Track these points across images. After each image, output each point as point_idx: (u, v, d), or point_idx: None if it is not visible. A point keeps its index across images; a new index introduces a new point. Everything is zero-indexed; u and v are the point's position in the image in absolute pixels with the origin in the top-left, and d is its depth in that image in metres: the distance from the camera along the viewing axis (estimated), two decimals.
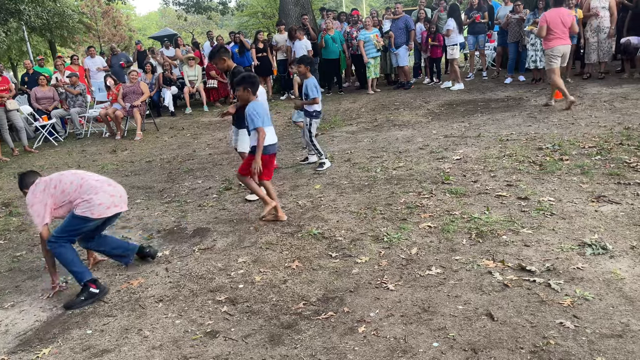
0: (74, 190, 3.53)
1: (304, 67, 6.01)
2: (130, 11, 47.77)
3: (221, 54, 5.11)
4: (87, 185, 3.56)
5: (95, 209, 3.50)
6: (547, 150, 5.66)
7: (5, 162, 8.70)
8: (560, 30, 7.54)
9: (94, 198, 3.50)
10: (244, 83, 4.40)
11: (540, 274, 3.16)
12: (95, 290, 3.50)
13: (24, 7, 21.34)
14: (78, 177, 3.63)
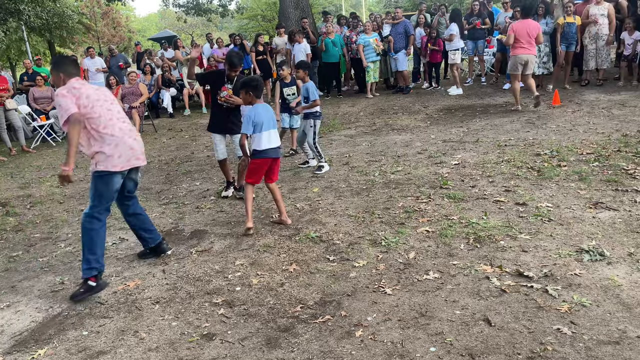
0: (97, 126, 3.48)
1: (303, 72, 6.02)
2: (130, 12, 47.80)
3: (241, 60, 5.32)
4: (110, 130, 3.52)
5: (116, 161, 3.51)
6: (545, 156, 5.67)
7: (2, 161, 8.67)
8: (526, 41, 8.04)
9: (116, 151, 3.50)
10: (246, 87, 4.40)
11: (537, 279, 3.16)
12: (93, 283, 3.51)
13: (24, 7, 21.32)
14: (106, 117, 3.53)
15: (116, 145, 3.52)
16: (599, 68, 9.66)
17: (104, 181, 3.53)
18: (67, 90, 3.43)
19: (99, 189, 3.55)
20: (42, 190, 6.58)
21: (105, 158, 3.50)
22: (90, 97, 3.48)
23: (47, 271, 4.08)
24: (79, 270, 4.00)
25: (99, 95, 3.57)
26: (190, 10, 22.09)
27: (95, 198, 3.54)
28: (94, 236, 3.52)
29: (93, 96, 3.51)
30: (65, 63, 3.59)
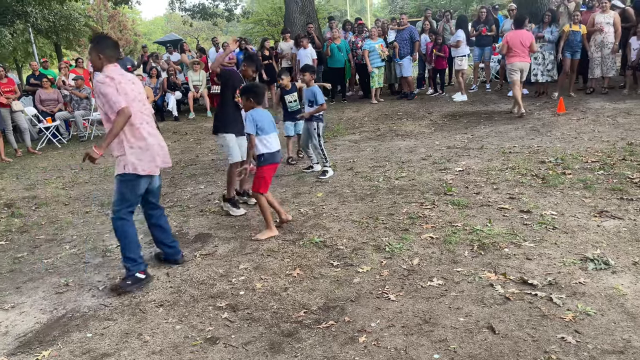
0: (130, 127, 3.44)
1: (309, 75, 6.05)
2: (136, 15, 48.04)
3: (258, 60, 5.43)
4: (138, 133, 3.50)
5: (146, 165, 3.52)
6: (549, 163, 5.67)
7: (8, 162, 8.72)
8: (520, 49, 8.46)
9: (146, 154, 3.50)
10: (247, 93, 4.43)
11: (542, 287, 3.16)
12: (142, 276, 3.59)
13: (31, 10, 21.50)
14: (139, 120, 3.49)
15: (146, 149, 3.51)
16: (605, 76, 9.66)
17: (130, 184, 3.52)
18: (110, 80, 3.33)
19: (123, 191, 3.54)
20: (48, 192, 6.61)
21: (134, 160, 3.48)
22: (128, 96, 3.40)
23: (52, 273, 4.10)
24: (83, 272, 4.04)
25: (135, 93, 3.49)
26: (196, 14, 22.23)
27: (118, 201, 3.55)
28: (128, 236, 3.56)
29: (130, 94, 3.43)
30: (107, 44, 3.47)
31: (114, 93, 3.31)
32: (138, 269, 3.57)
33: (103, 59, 3.43)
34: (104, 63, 3.43)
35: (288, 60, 12.30)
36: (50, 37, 25.46)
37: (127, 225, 3.56)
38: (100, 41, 3.50)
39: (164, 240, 3.95)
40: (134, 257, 3.56)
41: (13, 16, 21.99)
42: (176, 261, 4.00)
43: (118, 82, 3.36)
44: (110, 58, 3.46)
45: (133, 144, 3.47)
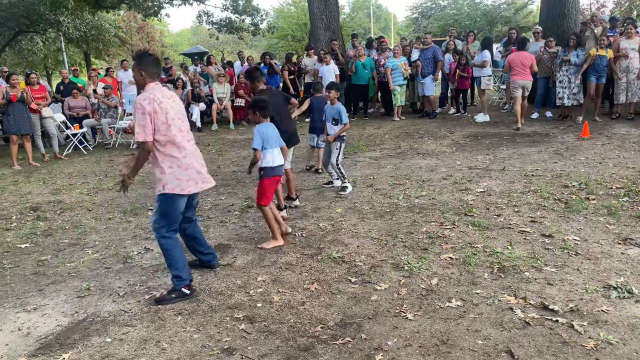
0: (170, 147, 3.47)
1: (334, 93, 6.10)
2: (164, 27, 49.12)
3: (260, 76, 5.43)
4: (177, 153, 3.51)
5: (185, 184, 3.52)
6: (573, 188, 5.60)
7: (35, 167, 8.93)
8: (520, 68, 9.46)
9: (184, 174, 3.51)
10: (253, 107, 4.58)
11: (563, 314, 3.11)
12: (187, 291, 3.60)
13: (64, 19, 22.16)
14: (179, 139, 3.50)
15: (186, 169, 3.52)
16: (630, 102, 9.54)
17: (170, 203, 3.54)
18: (149, 103, 3.34)
19: (164, 209, 3.55)
20: (73, 197, 6.74)
21: (173, 179, 3.49)
22: (168, 115, 3.42)
23: (75, 277, 4.17)
24: (105, 277, 4.10)
25: (176, 112, 3.51)
26: (223, 28, 22.60)
27: (159, 220, 3.57)
28: (171, 253, 3.59)
29: (171, 113, 3.45)
30: (148, 61, 3.49)
31: (146, 123, 3.34)
32: (183, 284, 3.59)
33: (145, 76, 3.46)
34: (147, 81, 3.47)
35: (311, 76, 12.42)
36: (81, 46, 26.17)
37: (171, 244, 3.59)
38: (142, 58, 3.51)
39: (199, 249, 4.01)
40: (179, 273, 3.57)
41: (46, 25, 22.70)
42: (212, 266, 4.07)
43: (159, 103, 3.38)
44: (153, 75, 3.48)
45: (172, 164, 3.48)
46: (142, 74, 3.47)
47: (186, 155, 3.53)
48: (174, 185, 3.49)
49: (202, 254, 4.03)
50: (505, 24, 24.54)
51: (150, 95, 3.38)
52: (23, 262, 4.57)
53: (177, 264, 3.59)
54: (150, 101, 3.35)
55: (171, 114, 3.45)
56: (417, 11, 34.28)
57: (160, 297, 3.62)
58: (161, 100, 3.40)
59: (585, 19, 12.06)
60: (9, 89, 8.78)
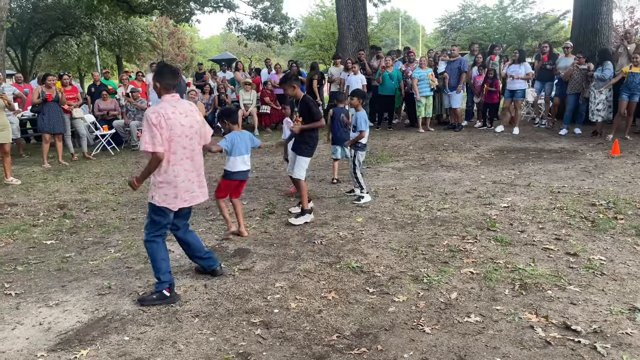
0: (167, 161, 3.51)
1: (357, 100, 6.12)
2: (194, 34, 49.96)
3: (292, 81, 5.37)
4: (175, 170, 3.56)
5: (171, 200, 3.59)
6: (600, 207, 5.47)
7: (64, 165, 9.14)
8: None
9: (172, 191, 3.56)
10: (222, 116, 5.09)
11: (586, 335, 3.03)
12: (167, 293, 3.65)
13: (98, 23, 22.76)
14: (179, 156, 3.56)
15: (175, 187, 3.58)
16: None
17: (158, 213, 3.63)
18: (156, 117, 3.41)
19: (153, 217, 3.65)
20: (98, 197, 6.88)
21: (161, 194, 3.57)
22: (174, 130, 3.48)
23: (97, 274, 4.24)
24: (126, 277, 4.16)
25: (184, 127, 3.55)
26: (252, 35, 22.88)
27: (149, 225, 3.68)
28: (155, 256, 3.66)
29: (178, 129, 3.51)
30: (164, 73, 3.58)
31: (156, 135, 3.40)
32: (163, 287, 3.65)
33: (160, 87, 3.58)
34: (162, 92, 3.58)
35: (337, 85, 12.47)
36: (113, 49, 26.79)
37: (154, 247, 3.66)
38: (159, 70, 3.64)
39: (196, 254, 4.01)
40: (159, 276, 3.65)
41: (81, 28, 23.36)
42: (214, 271, 4.06)
43: (167, 119, 3.44)
44: (168, 87, 3.57)
45: (163, 180, 3.56)
46: (157, 85, 3.60)
47: (178, 175, 3.57)
48: (160, 200, 3.57)
49: (201, 258, 4.03)
50: (535, 39, 24.23)
51: (160, 109, 3.47)
52: (48, 258, 4.67)
53: (159, 266, 3.65)
54: (158, 115, 3.43)
55: (177, 130, 3.50)
56: (446, 23, 34.06)
57: (142, 297, 3.71)
58: (169, 116, 3.46)
59: (617, 36, 11.85)
60: (44, 88, 9.03)
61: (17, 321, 3.47)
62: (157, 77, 3.60)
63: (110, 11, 19.47)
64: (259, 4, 22.06)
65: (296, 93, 5.37)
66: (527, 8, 27.60)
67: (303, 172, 5.46)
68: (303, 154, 5.45)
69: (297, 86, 5.39)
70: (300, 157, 5.44)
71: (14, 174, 8.04)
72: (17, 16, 21.61)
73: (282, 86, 5.53)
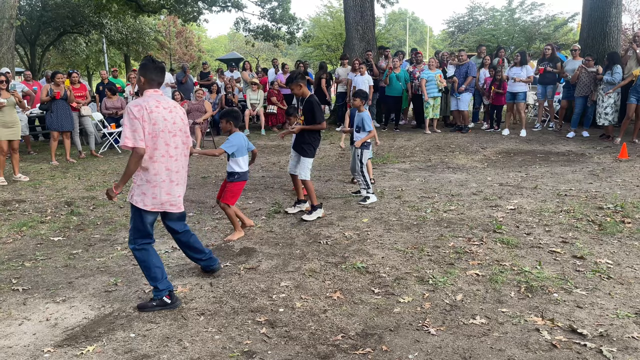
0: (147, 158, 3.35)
1: (359, 101, 6.14)
2: (202, 33, 50.12)
3: (299, 79, 5.41)
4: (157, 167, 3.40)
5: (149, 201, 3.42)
6: (608, 210, 5.44)
7: (72, 163, 9.20)
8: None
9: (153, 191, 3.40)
10: (226, 116, 4.93)
11: (592, 338, 3.01)
12: (168, 300, 3.53)
13: (107, 21, 22.88)
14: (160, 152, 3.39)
15: (154, 186, 3.41)
16: None
17: (137, 214, 3.47)
18: (138, 110, 3.27)
19: (134, 221, 3.49)
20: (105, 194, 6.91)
21: (140, 193, 3.42)
22: (157, 125, 3.33)
23: (103, 271, 4.27)
24: (132, 274, 4.18)
25: (167, 123, 3.39)
26: (259, 35, 22.93)
27: (132, 229, 3.51)
28: (146, 264, 3.52)
29: (160, 124, 3.35)
30: (149, 68, 3.44)
31: (137, 129, 3.25)
32: (162, 294, 3.52)
33: (144, 82, 3.43)
34: (145, 86, 3.43)
35: (344, 85, 12.48)
36: (122, 48, 26.91)
37: (144, 255, 3.51)
38: (145, 64, 3.49)
39: (196, 256, 3.96)
40: (155, 284, 3.52)
41: (89, 26, 23.50)
42: (213, 270, 4.05)
43: (149, 112, 3.29)
44: (151, 82, 3.43)
45: (142, 177, 3.40)
46: (141, 79, 3.45)
47: (158, 173, 3.40)
48: (138, 199, 3.42)
49: (201, 260, 3.98)
50: (544, 41, 24.11)
51: (143, 102, 3.32)
52: (55, 254, 4.71)
53: (153, 274, 3.50)
54: (140, 108, 3.28)
55: (160, 125, 3.34)
56: (454, 25, 34.01)
57: (142, 304, 3.57)
58: (151, 110, 3.31)
59: (626, 39, 11.80)
60: (53, 86, 9.09)
61: (25, 317, 3.50)
62: (142, 71, 3.43)
63: (119, 10, 19.57)
64: (266, 4, 22.11)
65: (303, 92, 5.43)
66: (535, 10, 27.52)
67: (308, 173, 5.50)
68: (306, 155, 5.47)
69: (304, 85, 5.43)
70: (303, 158, 5.48)
71: (22, 171, 8.10)
72: (26, 14, 21.78)
73: (289, 85, 5.54)
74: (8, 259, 4.59)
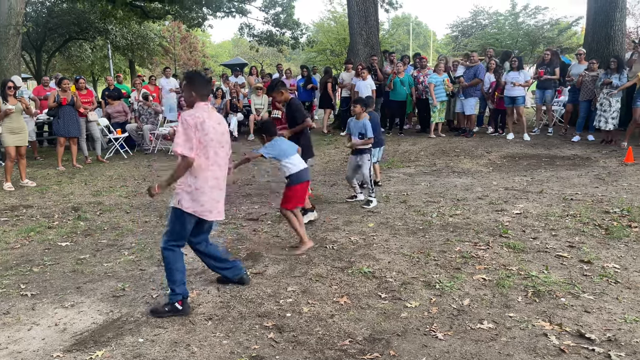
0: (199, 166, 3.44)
1: (360, 108, 6.15)
2: (206, 38, 50.34)
3: (279, 87, 5.53)
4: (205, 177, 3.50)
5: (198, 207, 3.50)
6: (614, 214, 5.43)
7: (78, 168, 9.25)
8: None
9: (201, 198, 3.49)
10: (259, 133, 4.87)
11: (600, 343, 3.01)
12: (179, 307, 3.53)
13: (112, 27, 23.02)
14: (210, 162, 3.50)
15: (203, 193, 3.50)
16: None
17: (180, 219, 3.53)
18: (193, 119, 3.38)
19: (173, 223, 3.56)
20: (112, 199, 6.95)
21: (189, 199, 3.49)
22: (208, 135, 3.44)
23: (111, 276, 4.29)
24: (139, 279, 4.20)
25: (216, 134, 3.52)
26: (263, 41, 23.01)
27: (168, 232, 3.58)
28: (171, 266, 3.55)
29: (211, 134, 3.46)
30: (199, 82, 3.55)
31: (190, 138, 3.36)
32: (176, 299, 3.53)
33: (195, 97, 3.52)
34: (196, 100, 3.52)
35: (348, 90, 12.50)
36: (127, 54, 27.05)
37: (172, 257, 3.56)
38: (193, 79, 3.58)
39: (218, 265, 3.93)
40: (173, 287, 3.54)
41: (95, 32, 23.64)
42: (242, 279, 3.97)
43: (202, 122, 3.40)
44: (202, 96, 3.53)
45: (192, 184, 3.48)
46: (192, 94, 3.53)
47: (209, 182, 3.52)
48: (188, 205, 3.48)
49: (225, 269, 3.95)
50: (548, 45, 24.12)
51: (196, 113, 3.43)
52: (63, 259, 4.73)
53: (174, 277, 3.54)
54: (194, 118, 3.39)
55: (211, 135, 3.46)
56: (458, 29, 34.02)
57: (155, 308, 3.59)
58: (204, 120, 3.42)
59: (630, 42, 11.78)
60: (60, 92, 9.15)
61: (33, 322, 3.52)
62: (192, 87, 3.53)
63: (124, 16, 19.69)
64: (270, 9, 22.21)
65: (285, 97, 5.55)
66: (539, 14, 27.50)
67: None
68: (305, 157, 5.45)
69: (285, 91, 5.56)
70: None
71: (28, 176, 8.15)
72: (32, 20, 21.94)
73: (271, 94, 5.71)
74: (16, 264, 4.62)
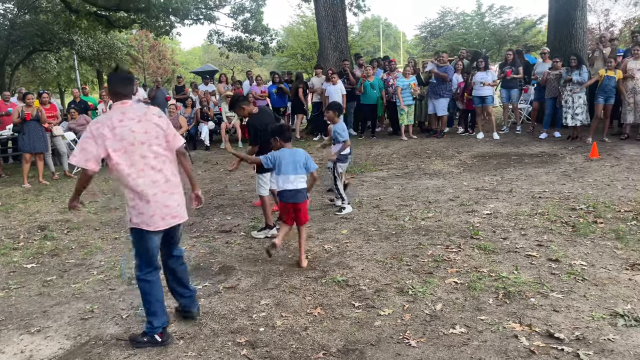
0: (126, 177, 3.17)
1: (332, 113, 6.17)
2: (176, 46, 49.80)
3: (241, 102, 5.46)
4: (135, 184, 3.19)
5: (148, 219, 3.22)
6: (580, 211, 5.55)
7: (45, 185, 9.02)
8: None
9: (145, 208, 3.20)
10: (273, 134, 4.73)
11: (569, 342, 3.06)
12: (159, 339, 3.32)
13: (77, 38, 22.58)
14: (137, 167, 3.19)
15: (147, 202, 3.20)
16: (638, 122, 9.50)
17: (139, 238, 3.28)
18: (97, 128, 3.10)
19: (136, 247, 3.32)
20: (80, 216, 6.79)
21: (136, 213, 3.22)
22: (125, 140, 3.12)
23: (79, 298, 4.18)
24: (109, 299, 4.11)
25: (136, 134, 3.17)
26: (233, 47, 22.85)
27: (136, 257, 3.33)
28: (149, 297, 3.33)
29: (129, 137, 3.14)
30: (116, 81, 3.30)
31: (90, 148, 3.10)
32: (155, 332, 3.31)
33: (111, 95, 3.34)
34: (113, 100, 3.30)
35: (318, 95, 12.52)
36: (93, 64, 26.57)
37: (147, 287, 3.32)
38: (110, 78, 3.36)
39: (177, 289, 3.60)
40: (151, 319, 3.32)
41: (59, 43, 23.16)
42: (191, 314, 3.63)
43: (112, 128, 3.10)
44: (118, 95, 3.27)
45: (131, 197, 3.22)
46: (109, 93, 3.40)
47: (146, 189, 3.19)
48: (138, 220, 3.22)
49: (181, 296, 3.61)
50: (514, 43, 24.60)
51: (105, 119, 3.16)
52: (29, 282, 4.60)
53: (152, 309, 3.31)
54: (101, 126, 3.11)
55: (128, 139, 3.14)
56: (426, 30, 34.44)
57: (133, 336, 3.40)
58: (114, 126, 3.11)
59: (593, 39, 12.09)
60: (24, 107, 8.93)
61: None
62: (109, 85, 3.33)
63: (89, 26, 19.34)
64: (239, 15, 22.06)
65: (248, 111, 5.43)
66: (504, 13, 28.06)
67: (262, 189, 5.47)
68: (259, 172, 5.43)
69: (246, 106, 5.44)
70: (258, 175, 5.44)
71: None
72: None
73: (234, 110, 5.64)
74: None
